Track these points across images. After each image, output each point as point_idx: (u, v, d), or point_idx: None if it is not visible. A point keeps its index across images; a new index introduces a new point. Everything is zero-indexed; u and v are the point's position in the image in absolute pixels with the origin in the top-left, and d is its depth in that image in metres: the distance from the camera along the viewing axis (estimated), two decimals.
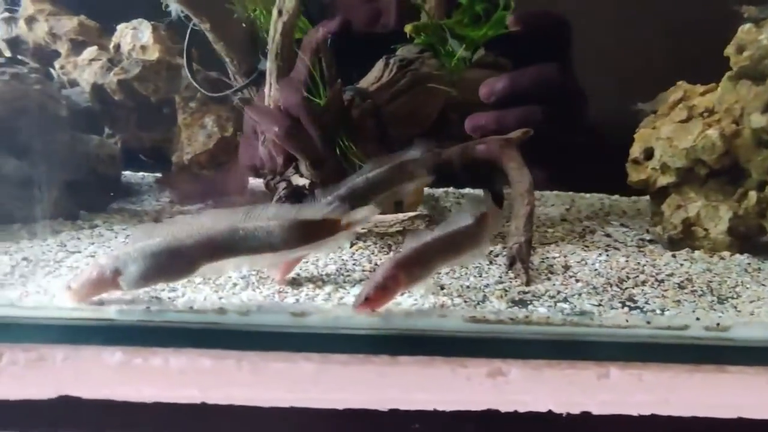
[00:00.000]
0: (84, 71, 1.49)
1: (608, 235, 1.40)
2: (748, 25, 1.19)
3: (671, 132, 1.22)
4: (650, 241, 1.34)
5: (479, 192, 1.79)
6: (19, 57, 1.54)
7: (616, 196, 1.88)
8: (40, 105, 1.28)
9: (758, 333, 0.92)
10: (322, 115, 1.20)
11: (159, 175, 1.80)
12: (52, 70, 1.58)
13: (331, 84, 1.19)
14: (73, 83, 1.53)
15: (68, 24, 1.54)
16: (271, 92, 1.15)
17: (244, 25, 1.21)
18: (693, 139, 1.18)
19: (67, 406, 0.88)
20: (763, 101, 1.13)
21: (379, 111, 1.30)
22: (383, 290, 0.90)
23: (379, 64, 1.36)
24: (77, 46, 1.54)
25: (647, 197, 1.83)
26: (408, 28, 1.45)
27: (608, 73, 1.76)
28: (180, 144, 1.51)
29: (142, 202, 1.63)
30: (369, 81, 1.34)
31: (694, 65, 1.68)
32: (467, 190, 1.87)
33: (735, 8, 1.21)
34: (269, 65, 1.09)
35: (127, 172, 1.72)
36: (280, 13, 1.01)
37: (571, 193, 1.91)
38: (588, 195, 1.90)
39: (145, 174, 1.87)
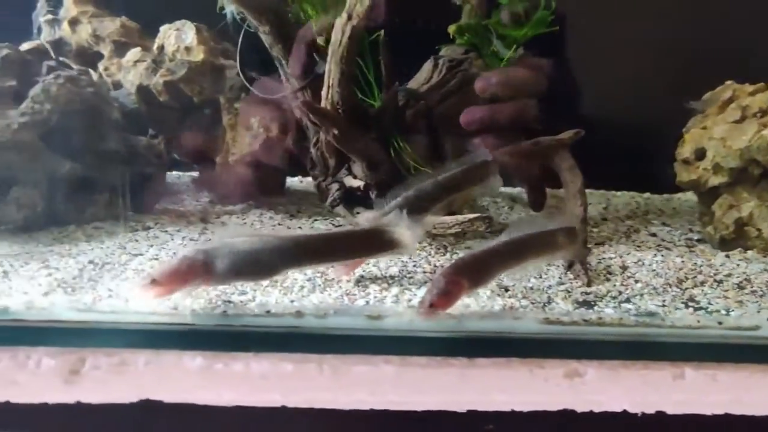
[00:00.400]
0: (129, 73, 1.49)
1: (654, 235, 1.41)
2: None
3: (725, 132, 1.23)
4: (698, 241, 1.35)
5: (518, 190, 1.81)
6: (61, 59, 1.54)
7: (647, 194, 1.90)
8: (94, 108, 1.28)
9: None
10: (378, 116, 1.20)
11: (195, 174, 1.81)
12: (92, 72, 1.58)
13: (388, 86, 1.19)
14: (117, 85, 1.53)
15: (111, 26, 1.54)
16: (330, 94, 1.15)
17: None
18: (748, 140, 1.19)
19: (149, 410, 0.89)
20: None
21: (431, 112, 1.30)
22: (446, 296, 0.90)
23: (428, 65, 1.37)
24: (120, 48, 1.55)
25: (678, 195, 1.87)
26: (451, 29, 1.46)
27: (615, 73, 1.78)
28: (225, 145, 1.51)
29: (183, 202, 1.64)
30: (419, 81, 1.34)
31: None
32: (502, 189, 1.88)
33: None
34: (332, 68, 1.10)
35: None
36: (349, 17, 1.02)
37: (602, 191, 1.93)
38: (619, 193, 1.92)
39: (180, 173, 1.88)
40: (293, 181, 1.94)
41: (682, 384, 0.90)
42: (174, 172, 1.84)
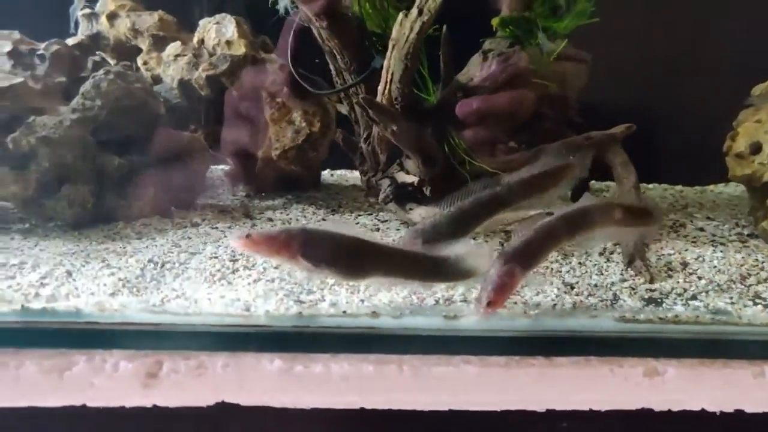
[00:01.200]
0: (169, 67, 1.47)
1: (701, 229, 1.40)
2: None
3: None
4: (750, 236, 1.35)
5: None
6: (98, 53, 1.51)
7: (680, 187, 1.89)
8: (143, 103, 1.26)
9: None
10: (435, 112, 1.19)
11: (225, 167, 1.79)
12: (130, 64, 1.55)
13: (447, 81, 1.18)
14: (156, 79, 1.51)
15: (149, 20, 1.52)
16: (387, 90, 1.13)
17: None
18: None
19: (225, 413, 0.88)
20: None
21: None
22: (502, 289, 0.88)
23: (477, 59, 1.35)
24: (158, 42, 1.52)
25: (711, 188, 1.87)
26: (495, 22, 1.44)
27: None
28: (268, 139, 1.49)
29: (220, 196, 1.62)
30: (468, 76, 1.33)
31: None
32: None
33: None
34: (394, 64, 1.08)
35: None
36: (420, 12, 1.00)
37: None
38: (651, 186, 1.91)
39: (213, 167, 1.86)
40: (325, 175, 1.92)
41: (763, 382, 0.89)
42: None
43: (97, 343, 0.87)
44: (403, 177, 1.27)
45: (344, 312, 0.92)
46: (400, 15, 1.05)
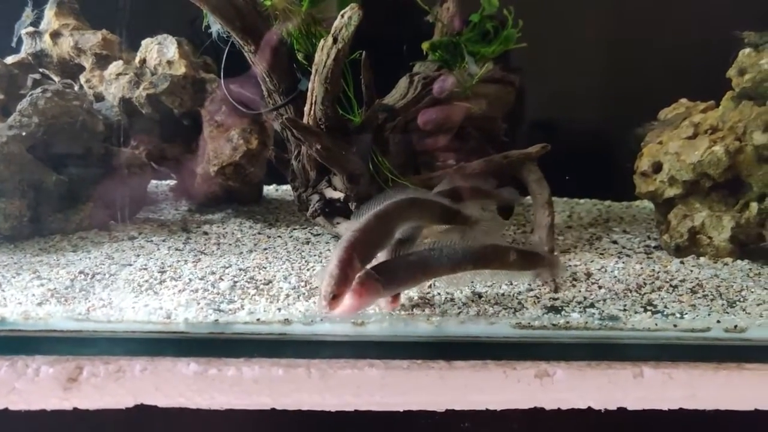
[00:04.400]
0: (111, 85, 1.51)
1: (615, 242, 1.50)
2: (748, 50, 1.31)
3: (679, 147, 1.33)
4: (656, 248, 1.45)
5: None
6: (41, 70, 1.56)
7: (609, 202, 2.01)
8: (81, 121, 1.31)
9: None
10: (358, 132, 1.27)
11: (172, 183, 1.84)
12: (72, 83, 1.60)
13: (369, 103, 1.26)
14: (98, 97, 1.56)
15: (92, 39, 1.57)
16: (312, 111, 1.20)
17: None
18: (700, 155, 1.29)
19: (144, 414, 0.93)
20: (764, 121, 1.25)
21: (407, 127, 1.37)
22: (357, 295, 0.90)
23: (404, 82, 1.43)
24: (101, 60, 1.57)
25: (637, 203, 1.98)
26: (425, 46, 1.53)
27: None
28: (206, 156, 1.55)
29: (162, 211, 1.68)
30: (395, 98, 1.41)
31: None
32: None
33: (736, 33, 1.33)
34: (316, 87, 1.15)
35: None
36: (335, 40, 1.07)
37: (565, 198, 2.03)
38: (582, 201, 2.02)
39: (158, 182, 1.91)
40: (269, 190, 1.99)
41: (642, 382, 0.98)
42: (152, 181, 1.88)
43: (20, 350, 0.92)
44: (331, 193, 1.34)
45: (258, 319, 0.98)
46: (322, 41, 1.13)
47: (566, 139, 1.93)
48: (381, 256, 1.03)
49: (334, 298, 0.88)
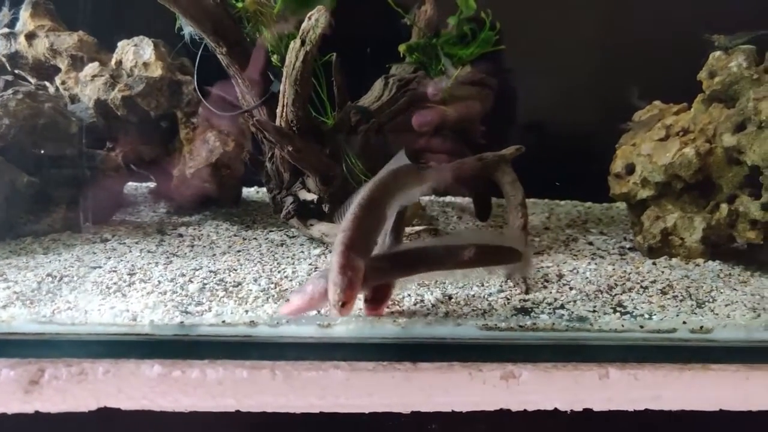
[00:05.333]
0: (86, 87, 1.51)
1: (591, 244, 1.51)
2: (718, 53, 1.31)
3: (651, 149, 1.34)
4: (630, 249, 1.45)
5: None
6: (16, 71, 1.55)
7: (589, 204, 2.01)
8: (53, 122, 1.30)
9: (736, 335, 1.03)
10: (331, 133, 1.27)
11: (152, 185, 1.84)
12: (49, 85, 1.60)
13: (341, 105, 1.26)
14: (74, 98, 1.56)
15: (68, 40, 1.56)
16: (284, 113, 1.20)
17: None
18: (671, 157, 1.30)
19: (107, 417, 0.93)
20: (733, 123, 1.25)
21: (382, 129, 1.37)
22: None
23: (379, 84, 1.44)
24: (77, 62, 1.57)
25: (617, 205, 1.99)
26: (402, 48, 1.53)
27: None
28: (182, 158, 1.55)
29: (140, 213, 1.67)
30: (370, 99, 1.41)
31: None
32: (449, 199, 1.97)
33: (706, 36, 1.33)
34: (287, 89, 1.15)
35: None
36: (303, 42, 1.07)
37: (546, 200, 2.04)
38: (563, 202, 2.03)
39: (138, 184, 1.91)
40: (250, 192, 1.99)
41: (607, 383, 0.98)
42: (132, 183, 1.88)
43: None
44: (305, 194, 1.35)
45: (223, 321, 0.98)
46: (292, 43, 1.13)
47: (546, 140, 1.94)
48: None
49: (344, 305, 0.90)
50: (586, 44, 1.90)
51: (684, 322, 1.04)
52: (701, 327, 1.02)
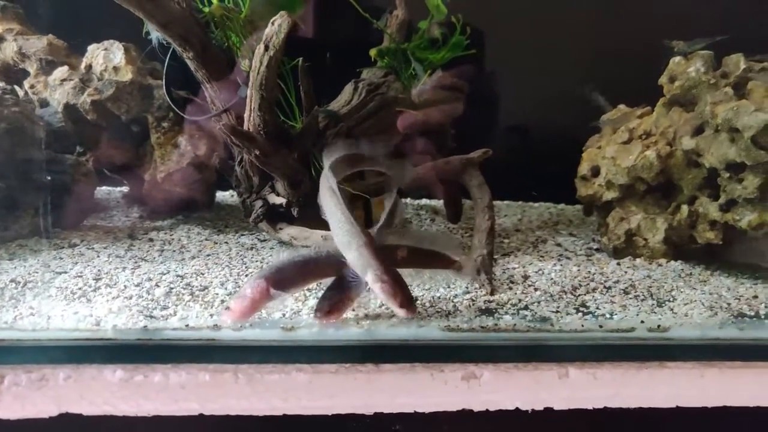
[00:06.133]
0: (56, 91, 1.50)
1: (559, 245, 1.53)
2: (678, 58, 1.34)
3: (615, 152, 1.36)
4: (597, 250, 1.48)
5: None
6: None
7: (562, 205, 2.04)
8: (19, 127, 1.30)
9: (692, 333, 1.06)
10: (299, 137, 1.27)
11: (125, 190, 1.83)
12: (18, 89, 1.59)
13: (308, 109, 1.26)
14: (43, 102, 1.55)
15: (38, 44, 1.55)
16: (251, 117, 1.21)
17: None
18: (634, 159, 1.32)
19: (68, 423, 0.93)
20: (692, 126, 1.28)
21: (351, 133, 1.38)
22: (247, 301, 0.97)
23: (349, 88, 1.44)
24: (46, 66, 1.56)
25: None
26: (373, 52, 1.54)
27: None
28: (153, 162, 1.55)
29: (112, 218, 1.67)
30: (340, 104, 1.42)
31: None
32: (424, 201, 1.99)
33: (666, 42, 1.36)
34: (253, 94, 1.16)
35: None
36: (267, 47, 1.08)
37: (520, 202, 2.06)
38: (536, 204, 2.05)
39: (111, 189, 1.90)
40: (225, 195, 1.99)
41: (567, 382, 1.00)
42: (104, 188, 1.87)
43: None
44: (274, 198, 1.35)
45: (187, 325, 0.99)
46: (257, 48, 1.14)
47: (520, 143, 1.96)
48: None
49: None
50: (561, 48, 1.93)
51: (642, 321, 1.06)
52: (659, 326, 1.05)
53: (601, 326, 1.06)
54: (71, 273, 1.19)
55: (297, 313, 1.06)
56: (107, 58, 1.53)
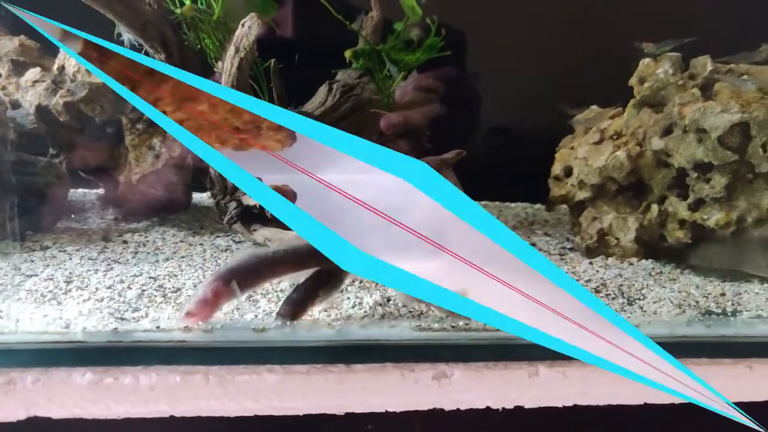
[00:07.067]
0: (27, 92, 1.49)
1: (534, 244, 1.54)
2: (647, 60, 1.36)
3: (586, 152, 1.38)
4: (571, 249, 1.50)
5: None
6: None
7: (539, 205, 2.05)
8: None
9: (660, 330, 1.07)
10: None
11: (101, 191, 1.82)
12: None
13: None
14: (15, 104, 1.53)
15: (9, 45, 1.54)
16: None
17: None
18: (605, 159, 1.34)
19: (36, 427, 0.92)
20: (661, 126, 1.30)
21: None
22: (204, 303, 0.98)
23: (323, 89, 1.45)
24: (18, 67, 1.55)
25: (564, 206, 2.03)
26: (347, 54, 1.55)
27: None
28: (128, 164, 1.54)
29: (87, 220, 1.66)
30: (314, 105, 1.43)
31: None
32: None
33: (636, 44, 1.38)
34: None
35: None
36: (237, 50, 1.08)
37: (497, 202, 2.08)
38: (513, 204, 2.07)
39: (86, 191, 1.88)
40: (202, 197, 1.98)
41: (537, 381, 1.01)
42: (80, 190, 1.86)
43: None
44: (248, 199, 1.35)
45: (158, 327, 0.98)
46: (228, 50, 1.14)
47: (498, 143, 1.98)
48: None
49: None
50: (537, 49, 1.95)
51: None
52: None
53: None
54: (42, 276, 1.18)
55: (270, 314, 1.06)
56: None
